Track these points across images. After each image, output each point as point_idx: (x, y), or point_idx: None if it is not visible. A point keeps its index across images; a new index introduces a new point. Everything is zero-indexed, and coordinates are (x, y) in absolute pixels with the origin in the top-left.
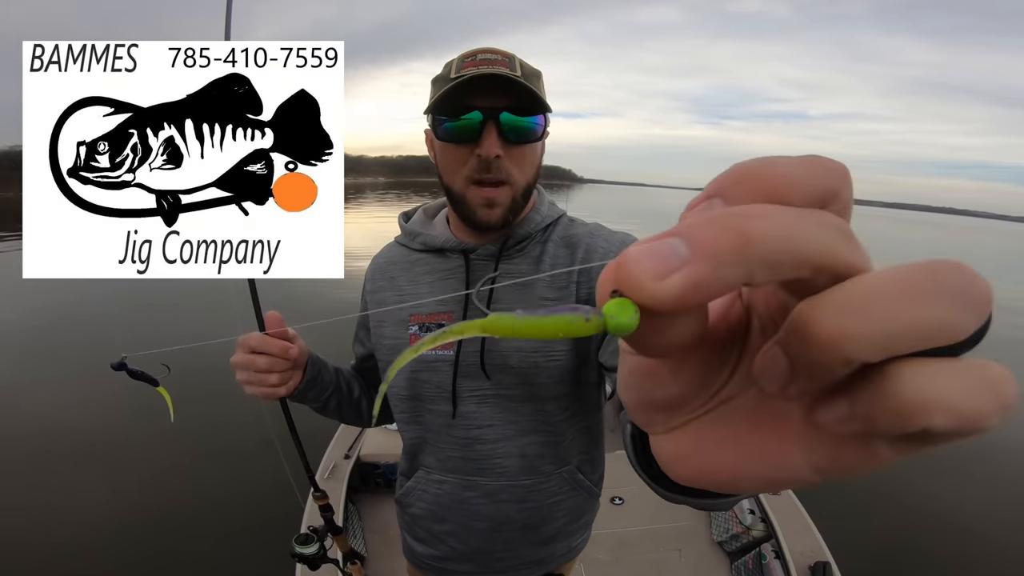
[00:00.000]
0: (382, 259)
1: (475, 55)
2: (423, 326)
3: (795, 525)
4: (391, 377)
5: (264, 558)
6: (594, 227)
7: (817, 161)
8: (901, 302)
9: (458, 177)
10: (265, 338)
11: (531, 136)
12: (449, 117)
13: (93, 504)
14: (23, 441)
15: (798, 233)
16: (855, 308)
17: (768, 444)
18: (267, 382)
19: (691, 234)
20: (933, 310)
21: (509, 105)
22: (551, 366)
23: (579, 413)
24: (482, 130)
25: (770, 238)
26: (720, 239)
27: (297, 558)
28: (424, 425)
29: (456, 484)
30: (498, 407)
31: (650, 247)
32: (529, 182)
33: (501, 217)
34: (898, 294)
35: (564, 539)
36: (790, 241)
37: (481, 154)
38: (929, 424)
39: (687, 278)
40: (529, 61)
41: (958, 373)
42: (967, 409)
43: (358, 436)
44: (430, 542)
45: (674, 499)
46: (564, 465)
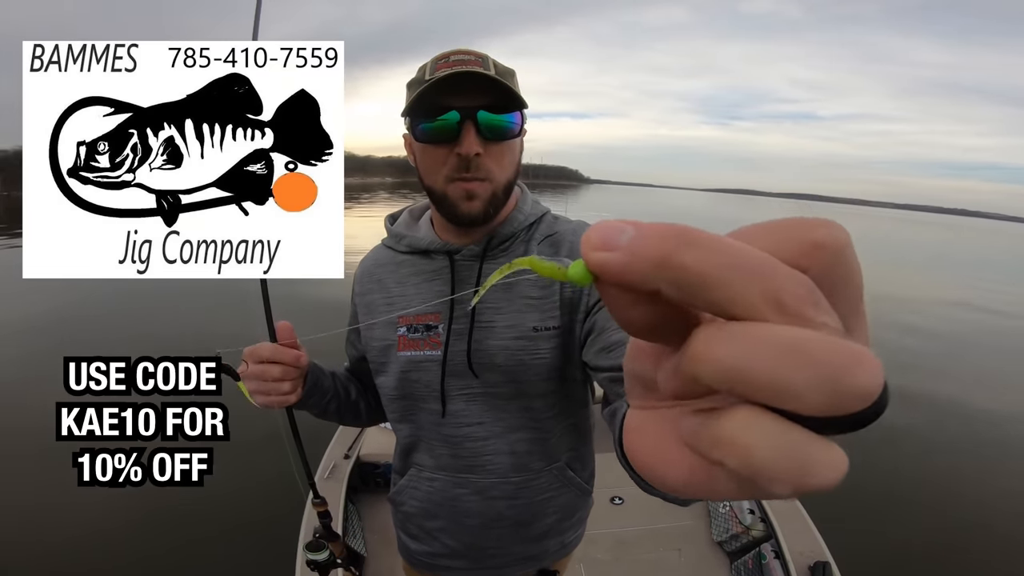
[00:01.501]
0: (369, 262)
1: (448, 56)
2: (411, 327)
3: (795, 525)
4: (481, 294)
5: (263, 557)
6: (578, 225)
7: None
8: (761, 351)
9: (439, 177)
10: (278, 348)
11: (509, 133)
12: (426, 118)
13: (92, 502)
14: (33, 437)
15: (715, 280)
16: (724, 338)
17: (672, 450)
18: (280, 391)
19: (641, 231)
20: (783, 375)
21: (486, 103)
22: (537, 364)
23: (566, 410)
24: (460, 129)
25: (689, 272)
26: (650, 246)
27: (312, 566)
28: (416, 424)
29: (447, 481)
30: (486, 405)
31: (608, 225)
32: (509, 179)
33: (482, 209)
34: (766, 344)
35: (556, 535)
36: (703, 285)
37: (460, 152)
38: (724, 463)
39: (608, 259)
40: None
41: (758, 437)
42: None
43: (358, 436)
44: (423, 539)
45: (645, 487)
46: (553, 462)
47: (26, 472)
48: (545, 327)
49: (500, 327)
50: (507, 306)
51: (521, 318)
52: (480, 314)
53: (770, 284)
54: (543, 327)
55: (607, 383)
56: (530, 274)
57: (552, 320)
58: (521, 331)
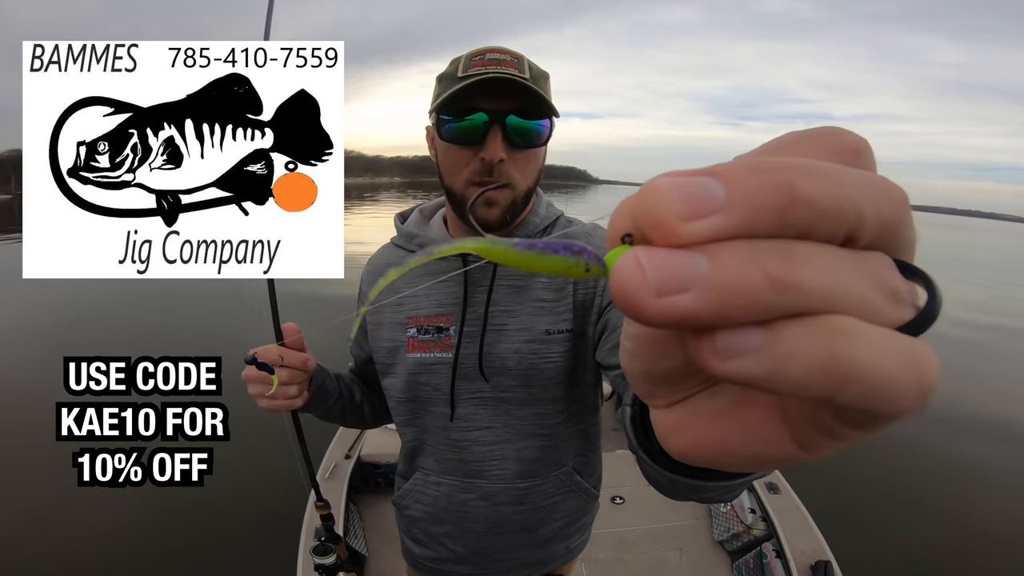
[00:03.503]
0: (378, 261)
1: (483, 54)
2: (421, 328)
3: (796, 524)
4: (371, 298)
5: (263, 558)
6: (591, 227)
7: (882, 187)
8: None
9: (459, 179)
10: (286, 351)
11: (536, 140)
12: (454, 117)
13: (93, 502)
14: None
15: (851, 203)
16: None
17: (752, 416)
18: (287, 394)
19: (733, 178)
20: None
21: (515, 108)
22: (548, 367)
23: (575, 415)
24: (487, 132)
25: (819, 204)
26: (764, 192)
27: (320, 570)
28: (422, 427)
29: (454, 486)
30: (496, 410)
31: (681, 182)
32: (531, 186)
33: (499, 216)
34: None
35: (562, 540)
36: (841, 206)
37: (484, 157)
38: (848, 399)
39: (716, 227)
40: (547, 61)
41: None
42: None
43: (359, 436)
44: (428, 544)
45: (674, 482)
46: (560, 467)
47: (27, 473)
48: (558, 330)
49: (512, 330)
50: (519, 309)
51: (533, 321)
52: (492, 317)
53: (885, 201)
54: (556, 330)
55: (620, 381)
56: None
57: (565, 323)
58: (533, 334)
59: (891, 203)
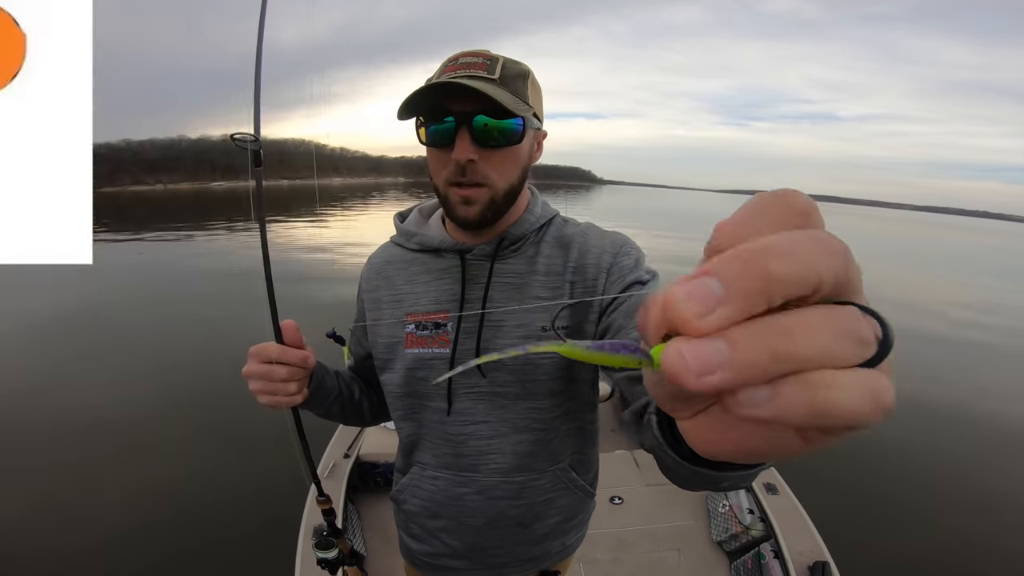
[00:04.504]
0: (378, 259)
1: (457, 59)
2: (419, 324)
3: (794, 525)
4: (446, 376)
5: (262, 555)
6: (586, 226)
7: (828, 244)
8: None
9: (440, 180)
10: (285, 348)
11: (511, 138)
12: (430, 121)
13: (92, 504)
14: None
15: (812, 270)
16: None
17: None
18: (287, 391)
19: (725, 273)
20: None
21: (483, 109)
22: (545, 364)
23: (572, 411)
24: (455, 135)
25: (791, 279)
26: (750, 281)
27: (323, 564)
28: (420, 422)
29: (450, 480)
30: (493, 404)
31: (688, 290)
32: (512, 184)
33: (478, 214)
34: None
35: (558, 537)
36: (806, 276)
37: (454, 158)
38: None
39: (725, 317)
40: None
41: None
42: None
43: (357, 435)
44: (425, 539)
45: (697, 473)
46: (556, 463)
47: (29, 474)
48: (554, 327)
49: (509, 326)
50: (516, 305)
51: (530, 317)
52: (489, 313)
53: (836, 259)
54: (552, 327)
55: (625, 383)
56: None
57: (561, 320)
58: (530, 330)
59: (836, 255)
